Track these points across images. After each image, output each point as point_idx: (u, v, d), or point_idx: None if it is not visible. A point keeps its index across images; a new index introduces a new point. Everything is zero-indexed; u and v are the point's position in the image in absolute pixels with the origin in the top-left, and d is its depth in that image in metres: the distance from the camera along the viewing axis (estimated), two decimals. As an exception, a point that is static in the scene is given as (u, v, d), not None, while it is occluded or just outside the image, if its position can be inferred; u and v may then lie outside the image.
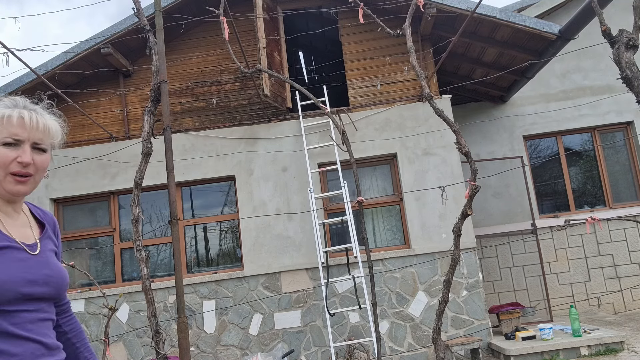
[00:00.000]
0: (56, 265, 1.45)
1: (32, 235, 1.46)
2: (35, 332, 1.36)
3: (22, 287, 1.32)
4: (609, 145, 8.29)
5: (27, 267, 1.36)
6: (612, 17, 8.00)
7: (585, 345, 5.66)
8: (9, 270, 1.31)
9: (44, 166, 1.43)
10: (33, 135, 1.39)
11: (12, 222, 1.43)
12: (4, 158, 1.35)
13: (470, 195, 4.12)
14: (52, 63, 6.79)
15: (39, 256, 1.42)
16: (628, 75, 3.05)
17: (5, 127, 1.36)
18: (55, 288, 1.42)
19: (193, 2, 6.95)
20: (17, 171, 1.36)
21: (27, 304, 1.35)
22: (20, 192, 1.39)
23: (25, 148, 1.37)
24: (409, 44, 4.69)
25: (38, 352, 1.34)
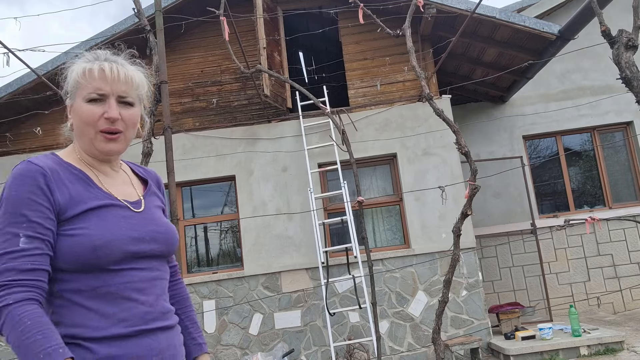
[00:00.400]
0: (163, 221, 1.39)
1: (134, 193, 1.39)
2: (146, 292, 1.29)
3: (128, 245, 1.26)
4: (609, 145, 8.30)
5: (132, 225, 1.29)
6: (612, 17, 8.00)
7: (584, 345, 5.67)
8: (113, 228, 1.25)
9: (134, 121, 1.34)
10: (116, 88, 1.30)
11: (111, 181, 1.37)
12: (91, 115, 1.28)
13: (470, 195, 4.13)
14: (52, 63, 6.80)
15: (144, 213, 1.35)
16: (628, 75, 3.06)
17: (88, 82, 1.29)
18: (164, 244, 1.36)
19: (193, 2, 6.96)
20: (105, 128, 1.29)
21: (136, 262, 1.28)
22: (112, 150, 1.32)
23: (111, 102, 1.29)
24: (408, 44, 4.70)
25: (149, 315, 1.28)
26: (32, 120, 7.23)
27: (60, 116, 7.26)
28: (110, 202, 1.29)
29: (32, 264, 1.15)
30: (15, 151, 7.16)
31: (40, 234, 1.18)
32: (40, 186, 1.20)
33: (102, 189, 1.31)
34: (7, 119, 6.97)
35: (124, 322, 1.23)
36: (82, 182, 1.29)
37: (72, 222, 1.22)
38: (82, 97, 1.29)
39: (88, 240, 1.20)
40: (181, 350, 1.38)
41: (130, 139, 1.37)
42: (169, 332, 1.33)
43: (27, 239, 1.16)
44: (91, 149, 1.32)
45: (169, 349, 1.31)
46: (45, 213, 1.20)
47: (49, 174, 1.23)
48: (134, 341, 1.24)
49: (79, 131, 1.32)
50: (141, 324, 1.26)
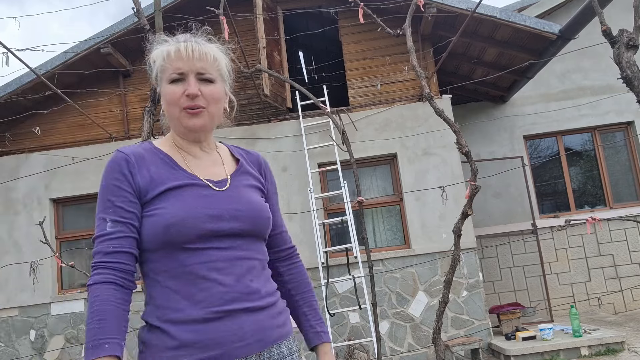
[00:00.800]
0: (248, 199, 1.36)
1: (222, 172, 1.39)
2: (226, 271, 1.26)
3: (204, 223, 1.25)
4: (609, 145, 8.29)
5: (210, 202, 1.29)
6: (613, 17, 7.98)
7: (585, 345, 5.65)
8: (188, 206, 1.26)
9: (215, 97, 1.35)
10: (193, 65, 1.33)
11: (198, 162, 1.38)
12: (173, 94, 1.32)
13: (470, 195, 4.12)
14: (51, 63, 6.79)
15: (228, 191, 1.34)
16: (628, 75, 3.04)
17: (169, 64, 1.33)
18: (248, 223, 1.32)
19: (193, 1, 6.95)
20: (187, 105, 1.32)
21: (215, 242, 1.27)
22: (196, 125, 1.33)
23: (190, 80, 1.32)
24: (409, 43, 4.68)
25: (227, 296, 1.25)
26: (31, 120, 7.21)
27: (60, 116, 7.25)
28: (191, 182, 1.31)
29: (113, 247, 1.24)
30: (14, 151, 7.15)
31: (124, 217, 1.26)
32: (124, 172, 1.29)
33: (185, 169, 1.34)
34: (6, 119, 6.96)
35: (201, 304, 1.23)
36: (166, 165, 1.33)
37: (153, 203, 1.27)
38: (166, 79, 1.34)
39: (162, 219, 1.24)
40: (274, 333, 1.32)
41: (216, 115, 1.38)
42: (255, 314, 1.28)
43: (112, 223, 1.25)
44: (179, 127, 1.36)
45: (255, 334, 1.27)
46: (127, 197, 1.27)
47: (132, 159, 1.31)
48: (212, 325, 1.22)
49: (167, 113, 1.37)
50: (219, 305, 1.23)
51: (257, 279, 1.32)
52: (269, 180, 1.52)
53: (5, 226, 6.93)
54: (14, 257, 6.77)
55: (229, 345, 1.23)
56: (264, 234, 1.38)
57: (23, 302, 6.74)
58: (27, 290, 6.73)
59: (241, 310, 1.26)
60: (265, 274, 1.38)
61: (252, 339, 1.26)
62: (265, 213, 1.38)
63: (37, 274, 6.46)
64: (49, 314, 6.71)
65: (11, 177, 7.00)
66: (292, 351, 1.37)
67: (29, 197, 6.98)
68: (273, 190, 1.53)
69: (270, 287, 1.36)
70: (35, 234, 6.61)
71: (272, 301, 1.34)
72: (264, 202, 1.40)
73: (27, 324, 6.73)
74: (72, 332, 6.68)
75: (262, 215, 1.37)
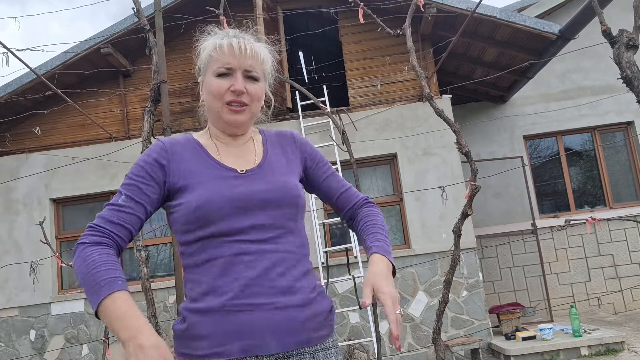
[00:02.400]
0: (276, 181, 1.34)
1: (252, 161, 1.39)
2: (252, 264, 1.24)
3: (230, 212, 1.25)
4: (609, 145, 8.29)
5: (237, 189, 1.29)
6: (613, 17, 7.97)
7: (585, 345, 5.65)
8: (214, 190, 1.27)
9: (259, 95, 1.38)
10: (243, 62, 1.34)
11: (230, 151, 1.40)
12: (219, 88, 1.33)
13: (470, 195, 4.12)
14: (51, 63, 6.79)
15: (254, 177, 1.34)
16: (628, 75, 3.04)
17: (219, 57, 1.34)
18: (274, 207, 1.30)
19: (193, 1, 6.94)
20: (231, 100, 1.33)
21: (243, 234, 1.26)
22: (238, 121, 1.36)
23: (238, 76, 1.34)
24: (409, 44, 4.68)
25: (248, 290, 1.22)
26: (31, 120, 7.21)
27: (60, 116, 7.25)
28: (219, 171, 1.33)
29: (118, 219, 1.27)
30: (14, 151, 7.15)
31: (137, 197, 1.29)
32: (155, 157, 1.33)
33: (215, 159, 1.35)
34: (6, 119, 6.96)
35: (222, 296, 1.22)
36: (199, 155, 1.36)
37: (183, 191, 1.30)
38: (212, 71, 1.35)
39: (190, 205, 1.26)
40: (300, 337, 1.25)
41: (256, 113, 1.41)
42: (277, 312, 1.23)
43: (126, 197, 1.29)
44: (219, 121, 1.38)
45: (274, 333, 1.22)
46: (148, 182, 1.31)
47: (169, 148, 1.35)
48: (230, 317, 1.21)
49: (208, 105, 1.38)
50: (238, 298, 1.21)
51: (288, 273, 1.27)
52: (308, 153, 1.50)
53: (5, 226, 6.93)
54: (14, 257, 6.77)
55: (247, 341, 1.21)
56: (297, 215, 1.36)
57: (23, 302, 6.74)
58: (27, 290, 6.73)
59: (261, 305, 1.22)
60: (301, 268, 1.32)
61: (270, 338, 1.22)
62: (293, 191, 1.34)
63: (37, 274, 6.46)
64: (49, 314, 6.71)
65: (11, 177, 7.00)
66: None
67: (29, 197, 6.98)
68: (317, 159, 1.51)
69: (305, 284, 1.30)
70: (35, 234, 6.61)
71: (304, 300, 1.28)
72: (294, 182, 1.38)
73: (27, 324, 6.73)
74: (72, 332, 6.68)
75: (291, 193, 1.34)
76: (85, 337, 6.65)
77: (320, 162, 1.51)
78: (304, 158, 1.48)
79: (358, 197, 1.52)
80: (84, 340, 6.64)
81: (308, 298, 1.29)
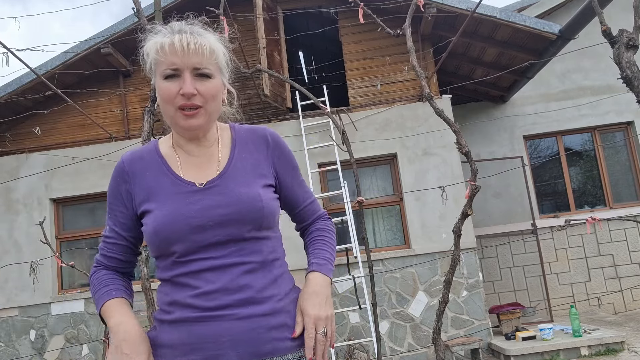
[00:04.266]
0: (237, 193, 1.26)
1: (214, 171, 1.30)
2: (214, 278, 1.22)
3: (188, 234, 1.22)
4: (609, 145, 8.29)
5: (194, 208, 1.24)
6: (613, 17, 7.97)
7: (585, 345, 5.65)
8: (172, 214, 1.23)
9: (212, 93, 1.26)
10: (188, 61, 1.23)
11: (192, 161, 1.32)
12: (167, 92, 1.24)
13: (470, 195, 4.12)
14: (52, 63, 6.79)
15: (215, 190, 1.26)
16: (628, 75, 3.04)
17: (163, 58, 1.24)
18: (235, 223, 1.23)
19: (193, 1, 6.94)
20: (182, 104, 1.23)
21: (202, 252, 1.23)
22: (192, 126, 1.26)
23: (185, 77, 1.23)
24: (409, 44, 4.68)
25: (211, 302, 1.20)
26: (31, 120, 7.21)
27: (60, 116, 7.25)
28: (178, 188, 1.28)
29: (108, 251, 1.36)
30: (14, 151, 7.15)
31: (116, 226, 1.34)
32: (118, 182, 1.34)
33: (176, 174, 1.30)
34: (6, 119, 6.96)
35: (187, 308, 1.23)
36: (159, 169, 1.32)
37: (145, 212, 1.29)
38: (159, 74, 1.26)
39: (149, 228, 1.26)
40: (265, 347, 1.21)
41: (215, 112, 1.31)
42: (239, 323, 1.20)
43: (109, 228, 1.35)
44: (175, 127, 1.31)
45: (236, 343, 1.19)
46: (120, 208, 1.33)
47: (128, 169, 1.33)
48: (194, 327, 1.21)
49: (162, 111, 1.30)
50: (201, 310, 1.21)
51: (253, 283, 1.23)
52: (280, 157, 1.39)
53: (5, 226, 6.93)
54: (14, 257, 6.77)
55: (207, 352, 1.19)
56: (261, 226, 1.27)
57: (23, 302, 6.74)
58: (27, 290, 6.73)
59: (222, 316, 1.20)
60: (269, 276, 1.27)
61: (230, 349, 1.19)
62: (255, 203, 1.25)
63: (37, 274, 6.46)
64: (49, 314, 6.71)
65: (11, 177, 7.00)
66: None
67: (29, 197, 6.98)
68: (286, 166, 1.39)
69: (275, 292, 1.26)
70: (35, 234, 6.61)
71: (272, 308, 1.24)
72: (256, 192, 1.28)
73: (27, 324, 6.73)
74: (72, 332, 6.68)
75: (252, 207, 1.25)
76: (85, 337, 6.65)
77: (291, 169, 1.41)
78: (273, 162, 1.37)
79: (316, 214, 1.48)
80: (84, 340, 6.64)
81: (277, 306, 1.25)
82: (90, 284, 1.37)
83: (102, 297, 1.30)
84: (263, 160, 1.36)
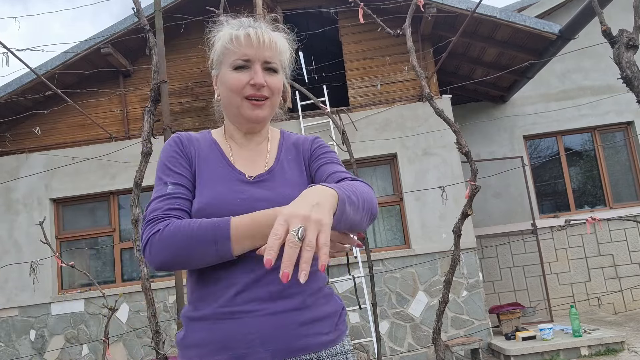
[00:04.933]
0: (282, 194, 1.24)
1: (262, 166, 1.31)
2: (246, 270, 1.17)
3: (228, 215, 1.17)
4: (609, 145, 8.29)
5: (239, 197, 1.22)
6: (613, 16, 7.97)
7: (585, 345, 5.65)
8: (218, 195, 1.22)
9: (278, 87, 1.30)
10: (261, 54, 1.26)
11: (243, 153, 1.33)
12: (237, 82, 1.26)
13: (470, 195, 4.11)
14: (51, 63, 6.78)
15: (262, 185, 1.27)
16: (628, 75, 3.04)
17: (236, 48, 1.27)
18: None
19: (193, 1, 6.94)
20: (251, 94, 1.26)
21: None
22: (258, 116, 1.28)
23: (257, 68, 1.26)
24: (409, 44, 4.68)
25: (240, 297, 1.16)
26: (31, 120, 7.21)
27: (60, 116, 7.25)
28: (229, 173, 1.27)
29: (177, 204, 1.22)
30: (14, 151, 7.15)
31: (183, 182, 1.26)
32: (180, 148, 1.30)
33: (229, 161, 1.30)
34: (6, 119, 6.96)
35: (215, 303, 1.18)
36: (213, 154, 1.31)
37: (196, 186, 1.26)
38: (229, 64, 1.28)
39: (195, 204, 1.22)
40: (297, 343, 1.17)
41: (276, 106, 1.34)
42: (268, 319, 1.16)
43: (173, 185, 1.25)
44: (237, 117, 1.31)
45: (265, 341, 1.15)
46: (185, 166, 1.28)
47: (185, 141, 1.31)
48: (220, 325, 1.16)
49: (226, 100, 1.31)
50: (230, 305, 1.16)
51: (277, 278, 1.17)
52: (313, 150, 1.38)
53: (5, 226, 6.93)
54: (14, 257, 6.77)
55: (236, 350, 1.14)
56: None
57: (23, 302, 6.74)
58: (27, 290, 6.73)
59: (251, 312, 1.15)
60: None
61: (260, 347, 1.14)
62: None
63: (37, 274, 6.46)
64: (49, 314, 6.71)
65: (11, 177, 7.00)
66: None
67: (29, 197, 6.98)
68: (317, 152, 1.37)
69: (306, 287, 1.22)
70: (35, 234, 6.61)
71: (302, 303, 1.20)
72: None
73: (27, 324, 6.73)
74: (72, 332, 6.68)
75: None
76: (85, 337, 6.65)
77: (320, 153, 1.37)
78: (308, 158, 1.37)
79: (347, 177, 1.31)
80: (84, 340, 6.64)
81: (307, 301, 1.21)
82: (166, 234, 1.13)
83: (222, 221, 1.13)
84: (302, 163, 1.37)
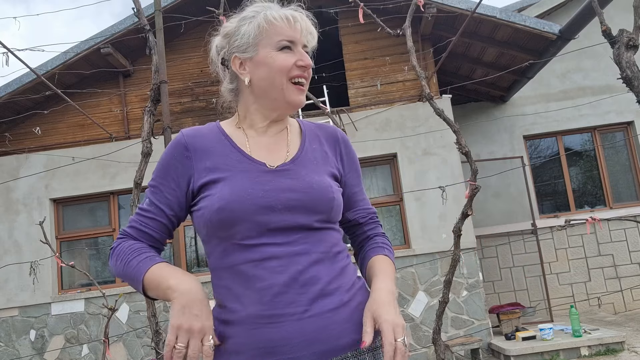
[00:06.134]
0: (309, 181, 1.20)
1: (284, 154, 1.26)
2: (280, 269, 1.13)
3: (254, 214, 1.14)
4: (609, 145, 8.29)
5: (263, 189, 1.17)
6: (613, 17, 7.98)
7: (585, 345, 5.65)
8: (239, 190, 1.15)
9: (310, 73, 1.27)
10: (304, 38, 1.25)
11: (261, 141, 1.27)
12: (284, 63, 1.21)
13: (470, 195, 4.11)
14: (52, 63, 6.79)
15: (285, 174, 1.21)
16: (628, 75, 3.04)
17: (281, 30, 1.22)
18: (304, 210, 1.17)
19: (193, 1, 6.94)
20: (297, 74, 1.22)
21: (268, 236, 1.15)
22: (302, 101, 1.25)
23: (301, 51, 1.23)
24: (409, 44, 4.68)
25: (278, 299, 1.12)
26: (31, 120, 7.21)
27: (60, 116, 7.25)
28: (246, 165, 1.21)
29: (142, 224, 1.24)
30: (14, 151, 7.15)
31: (160, 202, 1.24)
32: (176, 156, 1.24)
33: (243, 150, 1.24)
34: (6, 119, 6.96)
35: (251, 306, 1.12)
36: (224, 146, 1.25)
37: (206, 190, 1.20)
38: (272, 45, 1.22)
39: (212, 204, 1.16)
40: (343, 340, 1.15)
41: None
42: (310, 321, 1.12)
43: (149, 202, 1.25)
44: (276, 102, 1.24)
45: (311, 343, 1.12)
46: (170, 185, 1.23)
47: (189, 143, 1.25)
48: (261, 330, 1.11)
49: (266, 83, 1.23)
50: (268, 308, 1.11)
51: (321, 275, 1.16)
52: (347, 157, 1.34)
53: (5, 226, 6.93)
54: (14, 257, 6.77)
55: (280, 356, 1.11)
56: (329, 218, 1.21)
57: (23, 302, 6.74)
58: (27, 290, 6.73)
59: (291, 315, 1.12)
60: (337, 267, 1.20)
61: (304, 351, 1.11)
62: (327, 194, 1.20)
63: (37, 274, 6.46)
64: (49, 314, 6.71)
65: (11, 177, 7.00)
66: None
67: (29, 197, 6.98)
68: (352, 166, 1.35)
69: (342, 282, 1.19)
70: (35, 234, 6.61)
71: (341, 300, 1.17)
72: (327, 182, 1.23)
73: (27, 324, 6.73)
74: (72, 332, 6.68)
75: (324, 197, 1.19)
76: (85, 337, 6.65)
77: (354, 168, 1.36)
78: (341, 159, 1.33)
79: (371, 211, 1.39)
80: (84, 340, 6.64)
81: (345, 297, 1.18)
82: (113, 255, 1.22)
83: (144, 262, 1.15)
84: (332, 155, 1.32)
